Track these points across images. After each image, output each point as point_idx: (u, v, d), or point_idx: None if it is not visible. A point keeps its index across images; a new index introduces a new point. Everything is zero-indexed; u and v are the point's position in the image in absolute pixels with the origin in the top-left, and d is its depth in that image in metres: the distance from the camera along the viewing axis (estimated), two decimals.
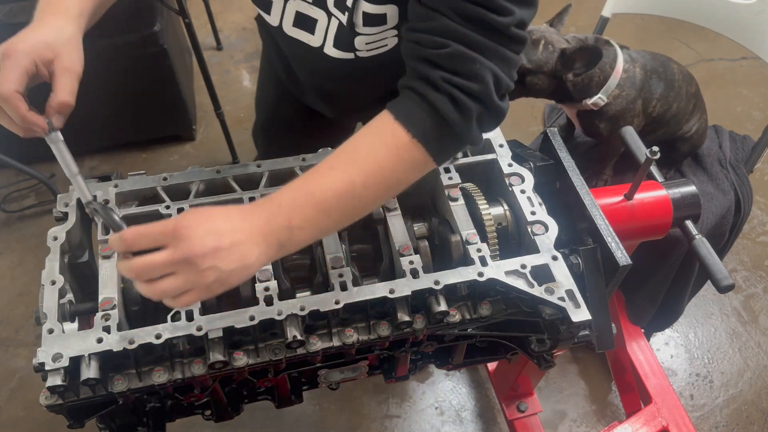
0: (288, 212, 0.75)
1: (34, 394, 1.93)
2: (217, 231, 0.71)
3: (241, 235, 0.72)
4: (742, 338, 2.10)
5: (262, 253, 0.74)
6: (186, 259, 0.69)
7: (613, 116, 1.43)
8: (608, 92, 1.40)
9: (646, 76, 1.45)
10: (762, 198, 2.46)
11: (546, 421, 1.86)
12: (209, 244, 0.70)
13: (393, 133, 0.79)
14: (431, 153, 0.80)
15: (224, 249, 0.71)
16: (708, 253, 1.12)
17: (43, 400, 0.82)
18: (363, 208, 0.81)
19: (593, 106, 1.41)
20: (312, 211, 0.76)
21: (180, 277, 0.71)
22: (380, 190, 0.80)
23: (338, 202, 0.77)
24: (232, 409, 1.06)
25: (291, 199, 0.76)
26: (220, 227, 0.72)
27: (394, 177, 0.80)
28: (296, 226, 0.75)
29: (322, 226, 0.78)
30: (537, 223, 0.97)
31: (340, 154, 0.79)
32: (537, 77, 1.36)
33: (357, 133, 0.81)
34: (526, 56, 1.34)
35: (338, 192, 0.77)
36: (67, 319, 0.86)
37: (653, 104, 1.47)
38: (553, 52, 1.34)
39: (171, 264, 0.70)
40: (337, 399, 1.94)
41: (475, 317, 0.93)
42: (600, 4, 1.78)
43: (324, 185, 0.77)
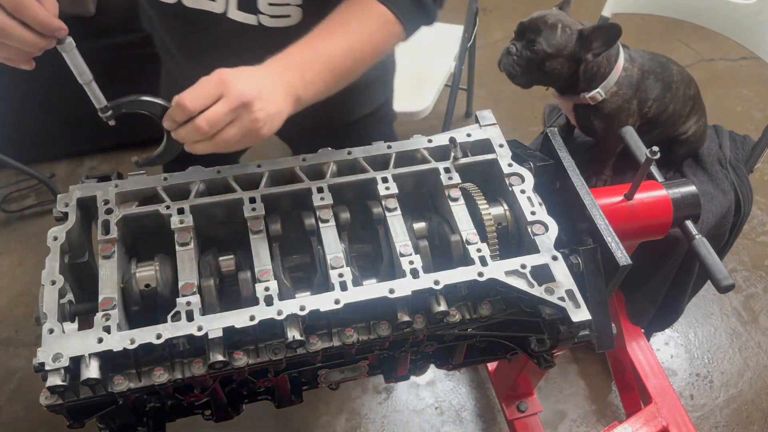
0: (300, 68, 0.86)
1: (34, 394, 1.93)
2: (255, 80, 0.82)
3: (271, 84, 0.83)
4: (742, 338, 2.10)
5: (287, 103, 0.86)
6: (243, 104, 0.80)
7: (608, 114, 1.43)
8: (607, 88, 1.40)
9: (643, 76, 1.45)
10: (762, 198, 2.46)
11: (546, 421, 1.86)
12: (254, 90, 0.81)
13: (380, 14, 0.95)
14: (407, 31, 1.00)
15: (266, 95, 0.82)
16: (708, 253, 1.12)
17: (43, 400, 0.82)
18: (357, 71, 0.95)
19: (591, 100, 1.41)
20: (320, 68, 0.88)
21: (237, 122, 0.81)
22: (371, 56, 0.96)
23: (341, 61, 0.90)
24: (232, 409, 1.06)
25: (300, 58, 0.87)
26: (255, 78, 0.82)
27: (381, 47, 0.98)
28: (308, 80, 0.87)
29: (328, 82, 0.90)
30: (537, 223, 0.97)
31: (334, 24, 0.92)
32: (556, 61, 1.36)
33: (339, 11, 0.94)
34: (545, 41, 1.33)
35: (341, 53, 0.90)
36: (67, 319, 0.86)
37: (649, 104, 1.47)
38: (571, 34, 1.33)
39: (231, 111, 0.80)
40: (337, 399, 1.94)
41: (475, 317, 0.93)
42: (600, 4, 1.78)
43: (329, 46, 0.89)
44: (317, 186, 1.00)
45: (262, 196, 0.98)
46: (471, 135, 1.09)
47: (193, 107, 0.80)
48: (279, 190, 1.00)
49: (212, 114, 0.80)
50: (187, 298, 0.86)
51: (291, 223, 1.00)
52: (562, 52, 1.34)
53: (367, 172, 1.03)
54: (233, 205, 0.98)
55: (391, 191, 1.00)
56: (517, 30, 1.40)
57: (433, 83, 2.06)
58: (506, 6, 3.16)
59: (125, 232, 0.97)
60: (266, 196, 0.99)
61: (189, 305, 0.85)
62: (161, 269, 0.91)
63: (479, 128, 1.10)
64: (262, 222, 0.95)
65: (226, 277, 0.95)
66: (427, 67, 2.12)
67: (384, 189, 1.00)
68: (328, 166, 1.03)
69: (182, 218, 0.95)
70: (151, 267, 0.92)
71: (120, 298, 0.88)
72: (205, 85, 0.81)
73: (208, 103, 0.80)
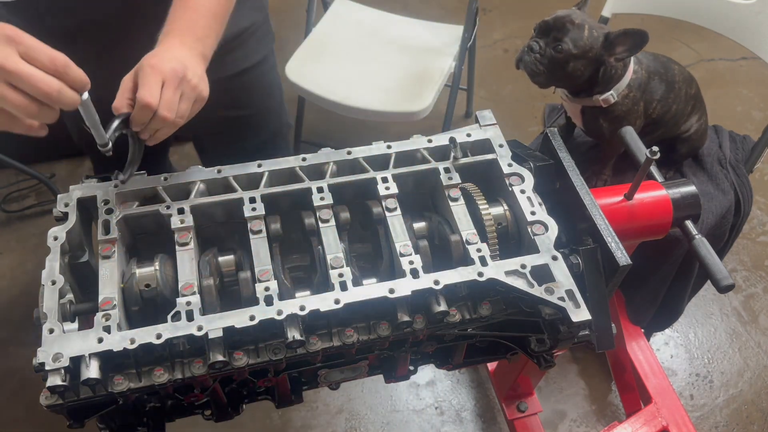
0: (191, 30, 0.96)
1: (34, 394, 1.93)
2: (172, 56, 0.90)
3: (182, 54, 0.92)
4: (742, 338, 2.10)
5: (200, 63, 0.96)
6: (181, 79, 0.89)
7: (618, 116, 1.43)
8: (619, 90, 1.40)
9: (649, 77, 1.45)
10: (762, 198, 2.46)
11: (546, 421, 1.86)
12: (179, 63, 0.89)
13: None
14: None
15: (187, 63, 0.91)
16: (708, 253, 1.12)
17: (43, 400, 0.82)
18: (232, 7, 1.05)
19: (603, 102, 1.40)
20: (206, 22, 0.99)
21: (184, 97, 0.90)
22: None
23: (219, 6, 1.01)
24: (232, 409, 1.06)
25: (187, 21, 0.97)
26: (170, 53, 0.91)
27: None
28: (203, 37, 0.97)
29: (217, 30, 1.01)
30: (537, 223, 0.97)
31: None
32: (580, 62, 1.33)
33: None
34: (572, 42, 1.30)
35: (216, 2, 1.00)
36: (67, 319, 0.86)
37: (654, 106, 1.47)
38: (598, 36, 1.31)
39: (177, 89, 0.89)
40: (337, 399, 1.94)
41: (475, 317, 0.93)
42: (600, 4, 1.78)
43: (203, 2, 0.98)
44: (317, 186, 1.00)
45: (262, 196, 0.98)
46: (471, 135, 1.09)
47: (156, 102, 0.86)
48: (279, 189, 1.00)
49: (166, 101, 0.87)
50: (187, 298, 0.86)
51: (291, 223, 1.00)
52: (587, 53, 1.32)
53: (367, 172, 1.03)
54: (233, 205, 0.98)
55: (391, 191, 1.00)
56: (539, 28, 1.36)
57: (433, 83, 2.06)
58: (506, 6, 3.16)
59: (125, 232, 0.97)
60: (266, 196, 0.99)
61: (189, 305, 0.85)
62: (161, 269, 0.91)
63: (479, 128, 1.10)
64: (262, 222, 0.95)
65: (226, 277, 0.95)
66: (427, 67, 2.12)
67: (384, 189, 1.00)
68: (328, 165, 1.03)
69: (182, 218, 0.95)
70: (151, 267, 0.92)
71: (120, 298, 0.88)
72: (149, 78, 0.86)
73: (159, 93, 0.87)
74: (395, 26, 2.28)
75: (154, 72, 0.88)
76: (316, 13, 2.29)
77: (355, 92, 2.04)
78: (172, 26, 0.97)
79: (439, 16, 3.03)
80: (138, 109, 0.87)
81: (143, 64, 0.89)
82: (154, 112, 0.88)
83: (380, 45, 2.21)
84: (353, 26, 2.27)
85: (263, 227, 0.95)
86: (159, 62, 0.89)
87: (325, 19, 2.29)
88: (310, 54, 2.16)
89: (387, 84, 2.07)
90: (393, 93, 2.04)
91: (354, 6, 2.35)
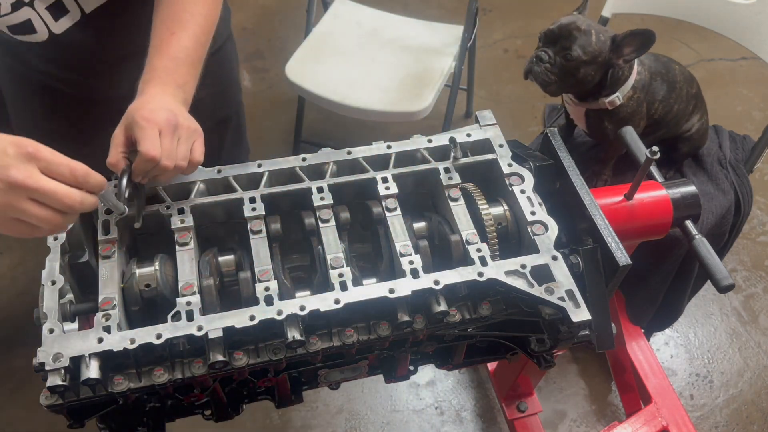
0: (171, 77, 0.98)
1: (34, 394, 1.93)
2: (161, 105, 0.92)
3: (167, 101, 0.94)
4: (742, 338, 2.10)
5: (184, 109, 0.98)
6: (176, 126, 0.91)
7: (622, 118, 1.42)
8: (624, 92, 1.39)
9: (651, 78, 1.45)
10: (762, 198, 2.46)
11: (546, 421, 1.86)
12: (172, 113, 0.92)
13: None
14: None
15: (179, 113, 0.94)
16: (708, 253, 1.12)
17: (43, 400, 0.82)
18: (207, 48, 1.07)
19: (609, 104, 1.40)
20: (184, 69, 1.01)
21: (182, 141, 0.92)
22: (212, 30, 1.08)
23: (195, 53, 1.03)
24: (232, 409, 1.06)
25: (166, 69, 0.99)
26: (158, 103, 0.93)
27: (214, 18, 1.09)
28: (182, 83, 0.99)
29: (195, 76, 1.03)
30: (537, 223, 0.97)
31: (167, 21, 1.03)
32: (590, 68, 1.33)
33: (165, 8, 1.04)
34: (581, 49, 1.30)
35: (192, 47, 1.02)
36: (67, 319, 0.86)
37: (656, 106, 1.47)
38: (605, 40, 1.31)
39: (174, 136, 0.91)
40: (337, 399, 1.94)
41: (475, 317, 0.93)
42: (600, 4, 1.78)
43: (180, 48, 1.01)
44: (317, 186, 1.00)
45: (262, 196, 0.98)
46: (471, 135, 1.09)
47: (160, 154, 0.89)
48: (279, 189, 1.00)
49: (166, 150, 0.90)
50: (187, 298, 0.86)
51: (291, 222, 1.00)
52: (597, 58, 1.31)
53: (367, 172, 1.03)
54: (233, 205, 0.98)
55: (391, 191, 1.00)
56: (545, 37, 1.35)
57: (433, 83, 2.06)
58: (506, 6, 3.16)
59: (125, 232, 0.97)
60: (266, 196, 0.99)
61: (189, 305, 0.85)
62: (161, 269, 0.91)
63: (479, 128, 1.10)
64: (262, 222, 0.95)
65: (226, 277, 0.95)
66: (427, 67, 2.12)
67: (384, 189, 1.00)
68: (328, 165, 1.03)
69: (182, 218, 0.95)
70: (151, 267, 0.92)
71: (120, 298, 0.88)
72: (147, 131, 0.88)
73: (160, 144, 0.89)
74: (395, 26, 2.28)
75: (150, 124, 0.89)
76: (316, 13, 2.29)
77: (355, 92, 2.04)
78: (151, 74, 0.99)
79: (439, 16, 3.04)
80: (141, 162, 0.89)
81: (135, 118, 0.90)
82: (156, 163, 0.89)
83: (380, 45, 2.21)
84: (353, 26, 2.27)
85: (263, 227, 0.95)
86: (151, 114, 0.90)
87: (325, 19, 2.29)
88: (310, 54, 2.16)
89: (387, 84, 2.07)
90: (393, 93, 2.05)
91: (354, 6, 2.35)
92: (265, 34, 3.06)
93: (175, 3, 1.05)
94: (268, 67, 2.93)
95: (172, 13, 1.04)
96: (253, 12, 3.16)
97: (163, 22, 1.03)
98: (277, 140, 2.64)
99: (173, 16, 1.04)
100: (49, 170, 0.74)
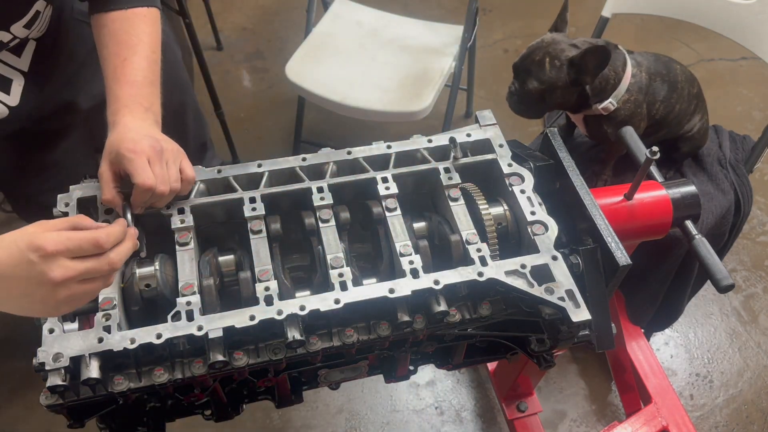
0: (137, 103, 1.01)
1: (34, 393, 1.93)
2: (140, 134, 0.95)
3: (141, 126, 0.98)
4: (742, 338, 2.10)
5: (159, 131, 1.01)
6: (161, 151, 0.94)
7: (621, 121, 1.42)
8: (618, 97, 1.40)
9: (651, 79, 1.45)
10: (762, 198, 2.46)
11: (546, 421, 1.86)
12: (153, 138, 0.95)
13: (139, 15, 1.11)
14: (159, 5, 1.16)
15: (158, 136, 0.97)
16: (708, 253, 1.12)
17: (43, 399, 0.82)
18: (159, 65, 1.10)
19: (603, 110, 1.40)
20: (147, 90, 1.04)
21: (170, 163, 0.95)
22: (160, 47, 1.11)
23: (152, 72, 1.06)
24: (232, 409, 1.06)
25: (130, 96, 1.02)
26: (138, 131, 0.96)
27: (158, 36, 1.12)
28: (148, 105, 1.02)
29: (156, 92, 1.06)
30: (537, 223, 0.97)
31: (116, 50, 1.06)
32: (555, 93, 1.36)
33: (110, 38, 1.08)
34: (536, 80, 1.35)
35: (147, 67, 1.06)
36: (68, 319, 0.86)
37: (657, 106, 1.47)
38: (561, 65, 1.33)
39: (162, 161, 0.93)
40: (337, 399, 1.94)
41: (475, 317, 0.93)
42: (600, 4, 1.78)
43: (135, 71, 1.04)
44: (317, 186, 1.00)
45: (262, 196, 0.98)
46: (471, 135, 1.09)
47: (155, 183, 0.91)
48: (279, 189, 1.00)
49: (159, 176, 0.92)
50: (187, 298, 0.86)
51: (291, 222, 1.00)
52: (556, 84, 1.35)
53: (367, 172, 1.03)
54: (233, 205, 0.98)
55: (391, 191, 1.00)
56: (514, 70, 1.42)
57: (433, 83, 2.06)
58: (506, 6, 3.16)
59: None
60: (266, 196, 0.99)
61: (189, 305, 0.85)
62: (161, 269, 0.91)
63: (479, 128, 1.10)
64: (262, 222, 0.95)
65: (226, 277, 0.96)
66: (427, 67, 2.12)
67: (384, 189, 1.00)
68: (328, 165, 1.03)
69: (182, 218, 0.95)
70: (151, 267, 0.92)
71: (120, 298, 0.88)
72: (136, 162, 0.91)
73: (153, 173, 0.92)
74: (395, 26, 2.28)
75: (137, 155, 0.91)
76: (316, 13, 2.29)
77: (355, 92, 2.04)
78: (117, 104, 1.01)
79: (439, 16, 3.04)
80: (139, 194, 0.91)
81: (121, 151, 0.92)
82: (153, 192, 0.92)
83: (380, 45, 2.21)
84: (353, 26, 2.27)
85: (263, 227, 0.95)
86: (135, 144, 0.92)
87: (325, 19, 2.29)
88: (310, 54, 2.16)
89: (387, 84, 2.07)
90: (393, 93, 2.04)
91: (354, 6, 2.35)
92: (265, 34, 3.06)
93: (120, 30, 1.09)
94: (268, 67, 2.93)
95: (117, 41, 1.07)
96: (253, 12, 3.16)
97: (112, 52, 1.06)
98: (277, 140, 2.64)
99: (120, 44, 1.07)
100: (75, 255, 0.73)
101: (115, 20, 1.09)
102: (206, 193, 1.01)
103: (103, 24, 1.10)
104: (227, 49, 2.99)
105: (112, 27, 1.09)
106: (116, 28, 1.09)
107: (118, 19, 1.09)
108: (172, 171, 0.95)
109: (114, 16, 1.10)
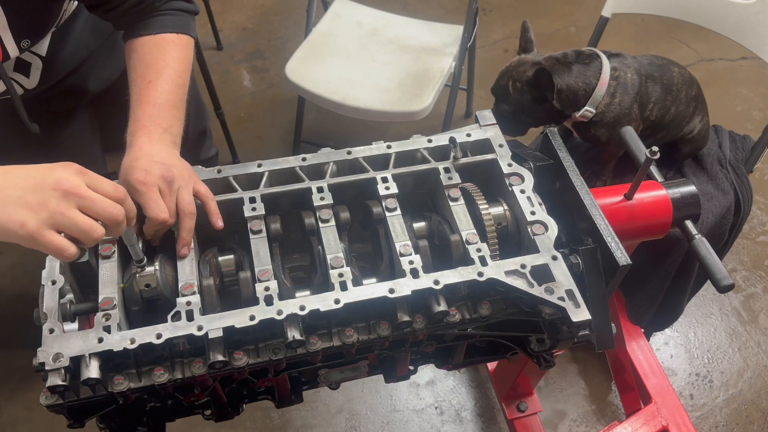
0: (156, 124, 1.01)
1: (34, 393, 1.93)
2: (153, 160, 0.95)
3: (158, 150, 0.98)
4: (742, 338, 2.10)
5: (176, 152, 1.02)
6: (172, 180, 0.94)
7: (608, 123, 1.44)
8: (596, 103, 1.41)
9: (641, 80, 1.45)
10: (762, 198, 2.46)
11: (546, 420, 1.87)
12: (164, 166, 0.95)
13: (171, 41, 1.12)
14: (194, 34, 1.17)
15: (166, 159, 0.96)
16: (708, 252, 1.12)
17: (43, 399, 0.82)
18: (186, 90, 1.11)
19: (582, 118, 1.42)
20: (167, 113, 1.04)
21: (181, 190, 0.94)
22: (188, 72, 1.13)
23: (176, 97, 1.06)
24: (232, 408, 1.06)
25: (149, 116, 1.02)
26: (152, 156, 0.96)
27: (189, 61, 1.14)
28: (168, 127, 1.02)
29: (179, 117, 1.06)
30: (537, 223, 0.97)
31: (143, 72, 1.07)
32: (524, 113, 1.42)
33: (139, 58, 1.09)
34: (504, 103, 1.42)
35: (171, 90, 1.06)
36: (68, 319, 0.86)
37: (650, 108, 1.47)
38: (522, 87, 1.39)
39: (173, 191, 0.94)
40: (337, 399, 1.94)
41: (475, 317, 0.93)
42: (600, 4, 1.78)
43: (159, 93, 1.04)
44: (317, 186, 1.00)
45: (262, 196, 0.98)
46: (471, 135, 1.09)
47: (168, 215, 0.92)
48: (279, 189, 1.00)
49: (172, 209, 0.93)
50: (187, 298, 0.86)
51: (291, 222, 1.00)
52: (523, 104, 1.40)
53: (367, 172, 1.03)
54: (233, 205, 0.98)
55: (391, 191, 1.00)
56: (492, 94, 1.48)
57: (433, 83, 2.06)
58: (506, 6, 3.16)
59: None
60: (266, 196, 0.99)
61: (189, 305, 0.85)
62: (161, 269, 0.91)
63: (479, 128, 1.10)
64: (262, 222, 0.95)
65: (226, 277, 0.96)
66: (427, 67, 2.12)
67: (384, 189, 1.00)
68: (328, 165, 1.03)
69: None
70: (151, 267, 0.92)
71: (120, 298, 0.88)
72: (148, 196, 0.91)
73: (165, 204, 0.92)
74: (395, 26, 2.28)
75: (148, 188, 0.92)
76: (316, 13, 2.29)
77: (355, 92, 2.04)
78: (136, 125, 1.01)
79: (439, 16, 3.04)
80: (152, 227, 0.92)
81: (132, 183, 0.92)
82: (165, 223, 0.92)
83: (380, 45, 2.21)
84: (353, 26, 2.27)
85: (263, 227, 0.95)
86: (146, 176, 0.92)
87: (325, 19, 2.29)
88: (310, 54, 2.16)
89: (387, 84, 2.07)
90: (393, 93, 2.04)
91: (354, 6, 2.35)
92: (265, 34, 3.06)
93: (148, 54, 1.10)
94: (268, 67, 2.93)
95: (145, 64, 1.08)
96: (253, 12, 3.16)
97: (139, 75, 1.07)
98: (277, 140, 2.64)
99: (148, 67, 1.08)
100: (95, 186, 0.78)
101: (144, 44, 1.11)
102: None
103: (133, 49, 1.11)
104: (227, 48, 2.99)
105: (141, 51, 1.10)
106: (145, 52, 1.10)
107: (147, 43, 1.11)
108: (185, 195, 0.94)
109: (144, 40, 1.11)
